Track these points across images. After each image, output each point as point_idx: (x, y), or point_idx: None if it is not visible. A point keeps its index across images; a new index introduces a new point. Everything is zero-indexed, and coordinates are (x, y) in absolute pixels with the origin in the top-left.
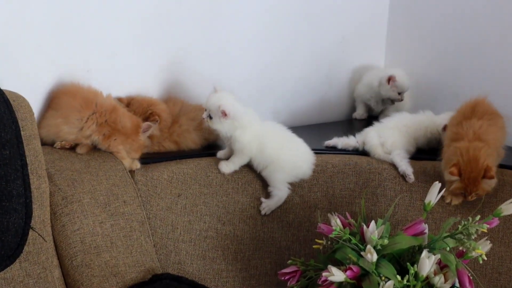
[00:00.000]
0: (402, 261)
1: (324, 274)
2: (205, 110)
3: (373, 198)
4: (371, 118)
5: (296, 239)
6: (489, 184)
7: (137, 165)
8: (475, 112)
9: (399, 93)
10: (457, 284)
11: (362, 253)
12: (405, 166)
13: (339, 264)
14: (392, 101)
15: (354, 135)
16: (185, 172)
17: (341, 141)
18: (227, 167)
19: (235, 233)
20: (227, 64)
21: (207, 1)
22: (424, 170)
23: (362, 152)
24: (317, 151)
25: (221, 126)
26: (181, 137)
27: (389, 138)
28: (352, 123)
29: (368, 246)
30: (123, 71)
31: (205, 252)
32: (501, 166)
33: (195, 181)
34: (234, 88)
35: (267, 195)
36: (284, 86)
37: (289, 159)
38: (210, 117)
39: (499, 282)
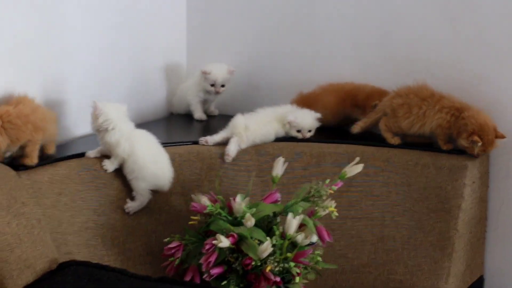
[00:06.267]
0: (262, 226)
1: (213, 242)
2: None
3: (218, 180)
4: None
5: (159, 222)
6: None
7: None
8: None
9: (212, 85)
10: (313, 240)
11: (242, 220)
12: (232, 147)
13: (207, 237)
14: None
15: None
16: (61, 173)
17: (218, 137)
18: (110, 165)
19: (109, 222)
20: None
21: None
22: (256, 151)
23: None
24: (161, 144)
25: (92, 127)
26: None
27: (252, 125)
28: (171, 121)
29: (248, 215)
30: None
31: (88, 241)
32: (317, 140)
33: (70, 180)
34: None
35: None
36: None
37: (153, 172)
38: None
39: (333, 238)
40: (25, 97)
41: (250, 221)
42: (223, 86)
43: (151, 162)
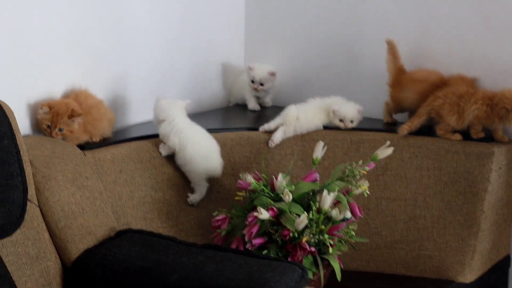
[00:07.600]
0: (301, 203)
1: (255, 214)
2: None
3: (265, 162)
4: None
5: (210, 199)
6: None
7: None
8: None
9: (252, 82)
10: (347, 216)
11: (281, 195)
12: (278, 135)
13: (251, 211)
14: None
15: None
16: (122, 153)
17: (272, 123)
18: (163, 151)
19: (165, 197)
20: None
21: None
22: (302, 137)
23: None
24: (216, 130)
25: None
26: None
27: (303, 117)
28: (228, 110)
29: (286, 190)
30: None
31: (145, 214)
32: (357, 129)
33: (130, 159)
34: (135, 84)
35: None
36: (174, 82)
37: (203, 167)
38: None
39: (369, 217)
40: (86, 91)
41: (288, 196)
42: (262, 85)
43: (201, 158)
